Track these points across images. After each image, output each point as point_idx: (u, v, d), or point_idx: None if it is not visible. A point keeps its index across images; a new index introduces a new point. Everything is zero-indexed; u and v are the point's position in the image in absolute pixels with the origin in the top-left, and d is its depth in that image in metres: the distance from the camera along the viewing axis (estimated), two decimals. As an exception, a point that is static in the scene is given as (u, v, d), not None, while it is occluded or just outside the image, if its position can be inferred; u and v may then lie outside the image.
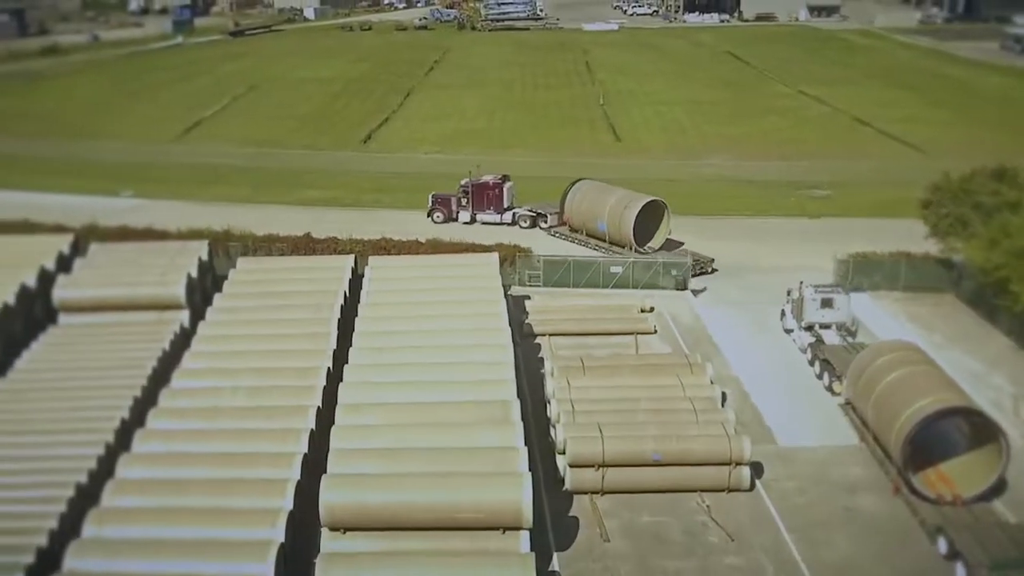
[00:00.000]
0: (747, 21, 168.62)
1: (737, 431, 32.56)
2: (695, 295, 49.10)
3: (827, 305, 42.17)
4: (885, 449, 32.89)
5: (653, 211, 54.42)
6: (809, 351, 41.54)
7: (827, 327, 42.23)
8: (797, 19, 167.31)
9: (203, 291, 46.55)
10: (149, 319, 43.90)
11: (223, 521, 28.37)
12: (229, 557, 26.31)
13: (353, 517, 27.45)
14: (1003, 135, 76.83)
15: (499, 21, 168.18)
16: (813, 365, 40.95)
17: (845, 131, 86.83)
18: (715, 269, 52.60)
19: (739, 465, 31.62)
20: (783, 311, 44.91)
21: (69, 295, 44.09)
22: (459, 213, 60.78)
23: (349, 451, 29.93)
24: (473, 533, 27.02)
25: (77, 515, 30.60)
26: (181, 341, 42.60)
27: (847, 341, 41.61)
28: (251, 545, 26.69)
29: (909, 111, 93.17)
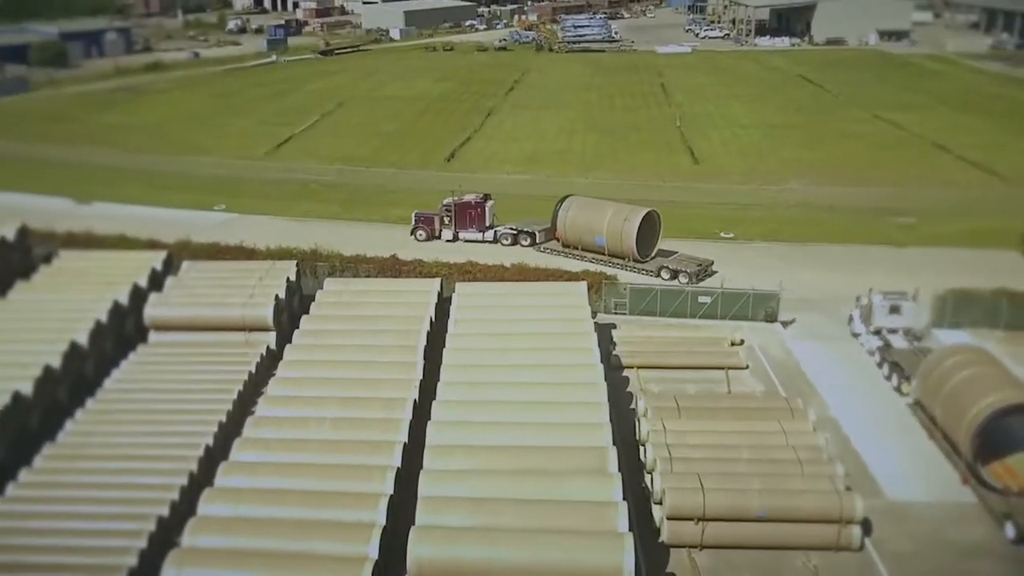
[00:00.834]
0: (817, 45, 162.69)
1: (847, 487, 28.81)
2: (784, 327, 45.19)
3: (895, 311, 42.08)
4: (953, 443, 33.13)
5: (647, 221, 53.03)
6: (878, 354, 41.43)
7: (894, 332, 41.94)
8: (867, 44, 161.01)
9: (290, 312, 44.12)
10: (236, 340, 41.69)
11: (305, 567, 25.67)
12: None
13: (443, 573, 24.44)
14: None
15: (575, 43, 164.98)
16: (882, 367, 40.84)
17: (924, 157, 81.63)
18: (715, 271, 51.41)
19: (849, 524, 27.89)
20: (851, 316, 44.77)
21: (160, 314, 42.00)
22: (442, 231, 58.84)
23: (438, 500, 26.85)
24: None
25: (158, 551, 28.18)
26: (267, 363, 40.32)
27: (914, 345, 41.24)
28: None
29: (987, 137, 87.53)
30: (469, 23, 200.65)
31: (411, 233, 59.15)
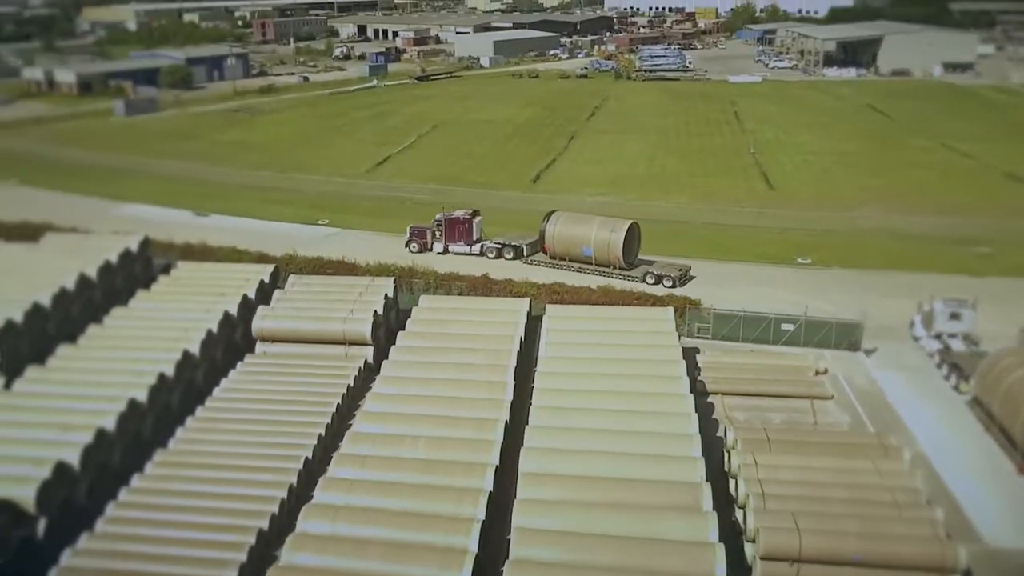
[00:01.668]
0: (883, 76, 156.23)
1: (947, 534, 25.72)
2: (867, 356, 41.87)
3: (955, 318, 42.58)
4: (1009, 436, 33.67)
5: (629, 232, 53.34)
6: (938, 356, 41.73)
7: (953, 336, 42.28)
8: (932, 75, 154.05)
9: (387, 327, 42.45)
10: (337, 353, 40.23)
11: (399, 591, 23.73)
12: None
13: (536, 610, 22.22)
14: None
15: (652, 72, 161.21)
16: (941, 368, 41.06)
17: (996, 187, 76.54)
18: (693, 276, 52.15)
19: (950, 573, 24.81)
20: (912, 321, 44.98)
21: (266, 326, 40.80)
22: (433, 244, 58.03)
23: (533, 532, 24.60)
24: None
25: (258, 564, 26.57)
26: (365, 377, 38.70)
27: (972, 349, 41.29)
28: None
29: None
30: (553, 52, 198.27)
31: (405, 245, 58.25)
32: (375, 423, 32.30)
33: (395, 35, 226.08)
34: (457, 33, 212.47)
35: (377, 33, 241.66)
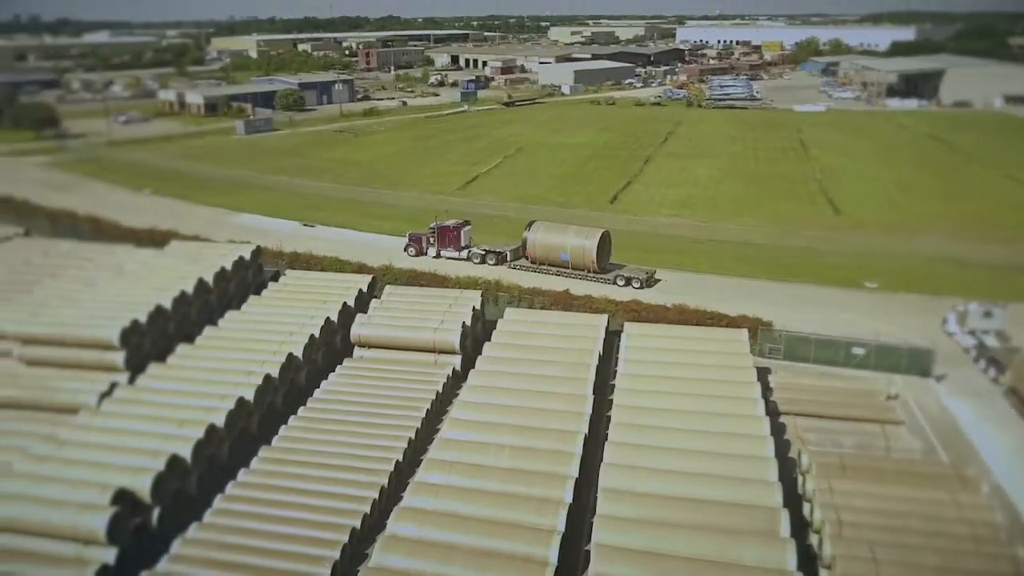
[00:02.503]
0: (945, 107, 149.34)
1: (1029, 572, 23.24)
2: (937, 382, 39.03)
3: (988, 316, 43.70)
4: None
5: (603, 240, 53.87)
6: (974, 350, 42.00)
7: (987, 333, 42.90)
8: (993, 106, 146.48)
9: (474, 337, 41.42)
10: (427, 360, 39.32)
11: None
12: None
13: (614, 628, 20.68)
14: None
15: (721, 100, 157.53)
16: (979, 362, 41.22)
17: (1061, 217, 71.72)
18: (659, 279, 52.67)
19: (1033, 613, 22.39)
20: (945, 318, 45.52)
21: (364, 332, 40.13)
22: (428, 249, 58.58)
23: (612, 549, 23.07)
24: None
25: (349, 563, 25.70)
26: (452, 384, 37.68)
27: (1005, 344, 41.69)
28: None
29: (1125, 200, 76.40)
30: (628, 81, 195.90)
31: (404, 249, 58.77)
32: (461, 430, 31.18)
33: (484, 64, 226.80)
34: (540, 63, 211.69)
35: (468, 62, 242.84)
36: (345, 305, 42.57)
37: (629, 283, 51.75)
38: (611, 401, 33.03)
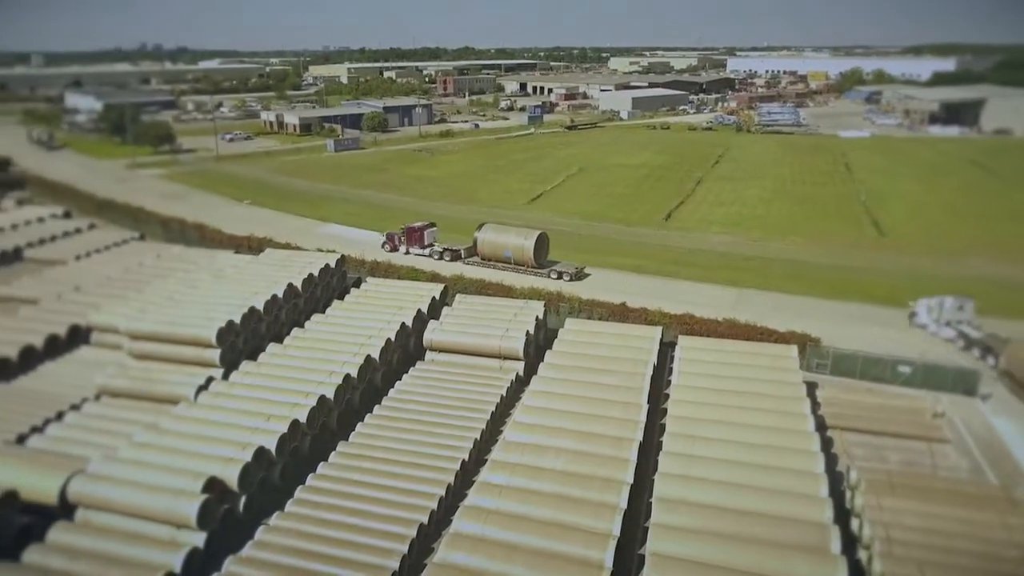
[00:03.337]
0: (985, 134, 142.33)
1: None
2: (983, 401, 36.42)
3: (961, 309, 44.18)
4: None
5: (540, 240, 56.15)
6: (961, 340, 42.25)
7: (960, 323, 43.46)
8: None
9: (537, 344, 40.39)
10: (492, 365, 38.40)
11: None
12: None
13: (667, 638, 19.34)
14: None
15: (769, 126, 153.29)
16: (970, 350, 41.39)
17: (1107, 242, 67.02)
18: (588, 274, 54.21)
19: (1089, 644, 20.24)
20: (914, 312, 45.66)
21: (435, 337, 39.42)
22: (399, 246, 60.88)
23: (665, 558, 21.74)
24: None
25: (415, 557, 24.89)
26: (515, 388, 36.70)
27: (985, 333, 41.92)
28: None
29: None
30: (682, 108, 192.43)
31: (381, 246, 61.49)
32: (523, 433, 30.17)
33: (550, 91, 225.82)
34: (601, 90, 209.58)
35: (535, 89, 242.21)
36: (419, 311, 42.01)
37: (561, 276, 53.71)
38: (664, 410, 31.62)
